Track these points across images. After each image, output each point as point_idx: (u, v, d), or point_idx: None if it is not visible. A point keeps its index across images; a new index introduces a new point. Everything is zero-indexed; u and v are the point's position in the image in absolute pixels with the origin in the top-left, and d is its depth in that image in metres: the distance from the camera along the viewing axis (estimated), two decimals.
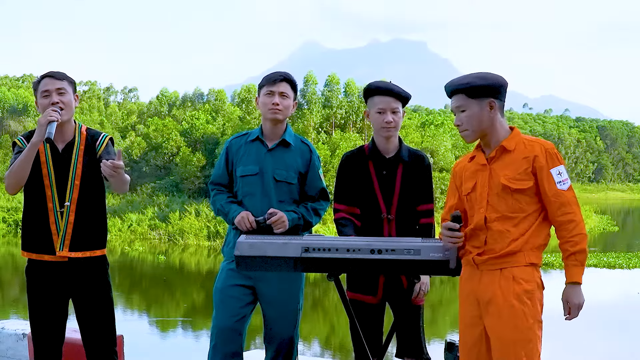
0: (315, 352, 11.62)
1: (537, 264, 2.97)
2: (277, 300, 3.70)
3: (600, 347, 10.60)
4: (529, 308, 2.89)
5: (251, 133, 3.80)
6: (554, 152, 2.98)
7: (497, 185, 2.98)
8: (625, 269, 21.24)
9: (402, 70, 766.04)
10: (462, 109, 3.01)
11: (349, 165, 3.68)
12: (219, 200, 3.73)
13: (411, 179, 3.63)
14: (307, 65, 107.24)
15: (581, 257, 2.94)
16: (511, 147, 3.00)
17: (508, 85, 3.06)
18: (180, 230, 30.64)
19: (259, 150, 3.72)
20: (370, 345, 3.57)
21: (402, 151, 3.66)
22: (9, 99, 52.28)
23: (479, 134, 3.04)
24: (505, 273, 2.93)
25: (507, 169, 2.98)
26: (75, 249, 3.52)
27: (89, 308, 3.58)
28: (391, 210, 3.60)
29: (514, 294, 2.89)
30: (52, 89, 3.49)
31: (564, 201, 2.93)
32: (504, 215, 2.96)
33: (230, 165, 3.76)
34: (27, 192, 3.51)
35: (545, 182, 2.94)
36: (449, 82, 3.08)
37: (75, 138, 3.58)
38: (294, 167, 3.73)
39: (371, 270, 3.34)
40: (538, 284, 2.96)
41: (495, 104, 2.99)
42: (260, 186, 3.67)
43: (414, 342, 3.67)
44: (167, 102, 51.95)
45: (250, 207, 3.63)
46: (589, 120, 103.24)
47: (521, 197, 2.95)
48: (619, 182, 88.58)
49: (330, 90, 41.24)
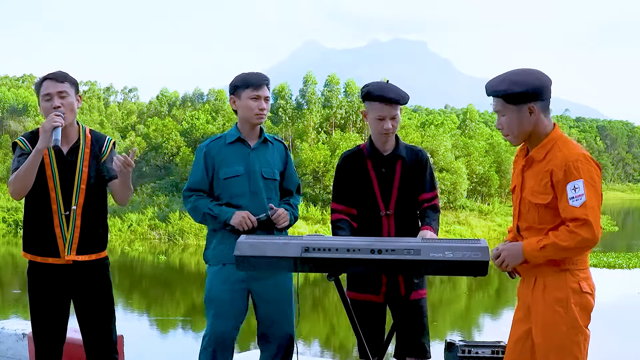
0: (315, 352, 11.62)
1: (571, 269, 2.85)
2: (275, 299, 3.68)
3: (600, 347, 10.59)
4: (561, 316, 2.82)
5: (227, 135, 3.74)
6: (577, 165, 2.77)
7: (525, 197, 2.92)
8: (625, 269, 21.25)
9: (402, 70, 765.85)
10: (502, 114, 2.89)
11: (348, 166, 3.69)
12: (203, 205, 3.64)
13: (410, 174, 3.64)
14: (307, 65, 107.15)
15: (550, 250, 2.79)
16: (539, 157, 2.88)
17: (551, 81, 2.90)
18: (180, 230, 30.67)
19: (242, 151, 3.70)
20: (371, 344, 3.57)
21: (399, 148, 3.66)
22: (9, 99, 52.30)
23: (523, 138, 2.92)
24: (538, 281, 2.89)
25: (532, 180, 2.89)
26: (82, 252, 3.52)
27: (90, 309, 3.57)
28: (389, 206, 3.60)
29: (544, 302, 2.86)
30: (54, 92, 3.46)
31: (572, 218, 2.76)
32: (532, 226, 2.91)
33: (210, 170, 3.68)
34: (30, 194, 3.48)
35: (560, 198, 2.80)
36: (489, 82, 2.93)
37: (80, 141, 3.56)
38: (276, 164, 3.77)
39: (371, 270, 3.34)
40: (574, 289, 2.82)
41: (536, 108, 2.84)
42: (248, 186, 3.66)
43: (416, 341, 3.66)
44: (167, 102, 51.99)
45: (243, 208, 3.62)
46: (589, 120, 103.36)
47: (545, 211, 2.85)
48: (619, 182, 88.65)
49: (330, 90, 41.25)
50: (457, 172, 38.32)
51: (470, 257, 3.06)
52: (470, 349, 4.11)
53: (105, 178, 3.57)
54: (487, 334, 12.46)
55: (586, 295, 2.85)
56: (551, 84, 2.89)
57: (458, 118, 52.91)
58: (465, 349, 4.11)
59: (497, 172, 43.60)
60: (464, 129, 48.95)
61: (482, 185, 43.13)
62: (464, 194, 39.91)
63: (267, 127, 41.29)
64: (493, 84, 2.90)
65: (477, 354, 4.09)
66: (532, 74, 2.87)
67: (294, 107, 40.51)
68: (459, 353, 4.10)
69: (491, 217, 39.06)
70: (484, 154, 44.21)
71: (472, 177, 41.90)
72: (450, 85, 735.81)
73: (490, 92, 2.91)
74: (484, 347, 4.12)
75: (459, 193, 38.65)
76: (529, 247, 2.83)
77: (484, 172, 42.57)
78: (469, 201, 40.99)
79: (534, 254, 2.82)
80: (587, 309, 2.86)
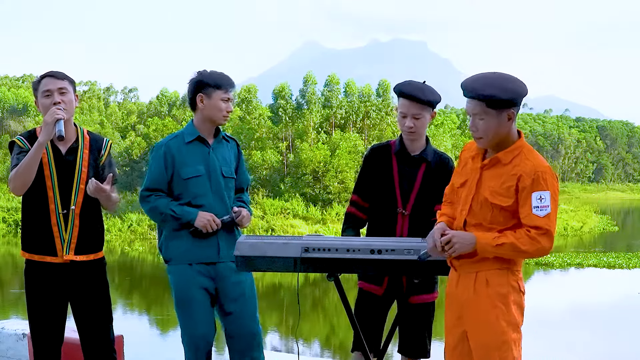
0: (315, 352, 11.62)
1: (511, 268, 2.90)
2: (241, 296, 3.67)
3: (600, 347, 10.59)
4: (502, 312, 2.85)
5: (184, 134, 3.70)
6: (545, 177, 2.83)
7: (481, 194, 2.93)
8: (625, 269, 21.24)
9: (402, 70, 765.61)
10: (479, 117, 2.89)
11: (374, 158, 3.70)
12: (163, 205, 3.60)
13: (432, 180, 3.63)
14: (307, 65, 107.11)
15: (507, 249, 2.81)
16: (506, 160, 2.90)
17: (527, 90, 2.92)
18: None
19: (202, 150, 3.68)
20: (368, 338, 3.57)
21: (427, 151, 3.65)
22: (9, 99, 52.30)
23: (494, 142, 2.93)
24: (479, 276, 2.89)
25: (493, 180, 2.90)
26: (80, 252, 3.54)
27: (88, 309, 3.58)
28: (407, 207, 3.60)
29: (486, 297, 2.87)
30: (54, 88, 3.48)
31: (534, 225, 2.80)
32: (481, 224, 2.91)
33: (170, 169, 3.64)
34: (28, 193, 3.49)
35: (522, 203, 2.83)
36: (468, 83, 2.91)
37: (79, 141, 3.57)
38: (232, 163, 3.78)
39: (371, 270, 3.35)
40: (514, 287, 2.88)
41: (514, 114, 2.88)
42: (209, 185, 3.65)
43: (418, 341, 3.66)
44: (167, 102, 51.97)
45: (203, 208, 3.61)
46: (589, 120, 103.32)
47: (500, 212, 2.87)
48: (619, 182, 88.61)
49: (330, 90, 41.23)
50: None
51: None
52: None
53: (102, 178, 3.59)
54: None
55: (522, 295, 2.93)
56: (527, 92, 2.93)
57: (458, 118, 52.90)
58: None
59: None
60: (464, 129, 48.91)
61: None
62: None
63: (267, 127, 41.29)
64: (476, 87, 2.87)
65: None
66: (515, 81, 2.89)
67: (294, 107, 40.50)
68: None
69: None
70: None
71: None
72: (450, 85, 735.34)
73: (471, 95, 2.87)
74: None
75: None
76: (483, 241, 2.84)
77: None
78: None
79: (487, 249, 2.84)
80: (522, 309, 2.93)
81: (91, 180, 3.40)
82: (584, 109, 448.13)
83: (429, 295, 3.64)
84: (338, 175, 35.13)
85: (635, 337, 12.07)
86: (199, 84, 3.70)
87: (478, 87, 2.87)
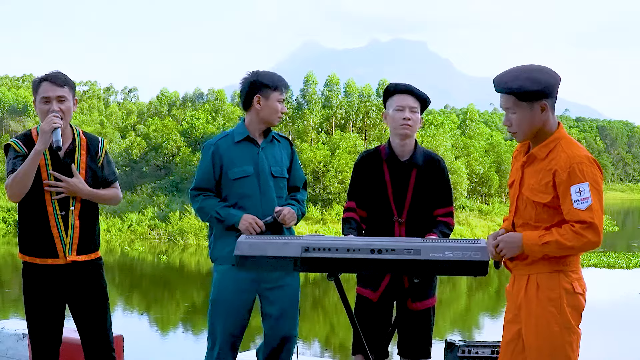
0: (315, 352, 11.62)
1: (564, 270, 2.84)
2: (281, 300, 3.68)
3: (600, 347, 10.59)
4: (554, 316, 2.81)
5: (234, 133, 3.70)
6: (582, 168, 2.75)
7: (523, 193, 2.89)
8: (625, 269, 21.24)
9: (402, 70, 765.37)
10: (512, 111, 2.84)
11: (364, 166, 3.69)
12: (210, 206, 3.62)
13: (425, 184, 3.62)
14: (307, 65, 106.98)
15: (553, 247, 2.76)
16: (541, 155, 2.85)
17: (561, 79, 2.86)
18: (180, 230, 30.63)
19: (251, 150, 3.67)
20: (370, 343, 3.57)
21: (416, 155, 3.64)
22: (9, 99, 52.28)
23: (530, 136, 2.87)
24: (531, 279, 2.86)
25: (533, 178, 2.86)
26: (81, 252, 3.54)
27: (86, 308, 3.58)
28: (402, 214, 3.60)
29: (537, 301, 2.84)
30: (53, 96, 3.45)
31: (578, 220, 2.74)
32: (528, 223, 2.88)
33: (217, 168, 3.64)
34: (25, 196, 3.46)
35: (562, 198, 2.77)
36: (499, 77, 2.86)
37: (76, 143, 3.57)
38: (283, 162, 3.75)
39: (371, 270, 3.34)
40: (567, 289, 2.82)
41: (547, 105, 2.82)
42: (258, 186, 3.64)
43: (419, 344, 3.66)
44: (167, 102, 51.94)
45: (250, 209, 3.60)
46: (589, 120, 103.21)
47: (543, 209, 2.83)
48: (619, 182, 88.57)
49: (330, 90, 41.23)
50: (457, 172, 38.28)
51: (470, 257, 3.07)
52: (470, 349, 4.11)
53: (108, 181, 3.66)
54: (487, 334, 12.45)
55: (578, 296, 2.86)
56: (560, 81, 2.86)
57: (458, 118, 52.90)
58: (465, 349, 4.11)
59: (497, 172, 43.56)
60: (463, 128, 48.92)
61: (482, 185, 43.08)
62: (464, 194, 39.89)
63: None
64: (505, 80, 2.84)
65: (477, 354, 4.09)
66: (546, 71, 2.84)
67: (294, 107, 40.50)
68: (459, 353, 4.10)
69: (491, 217, 39.02)
70: (484, 154, 44.17)
71: (472, 177, 41.86)
72: (450, 85, 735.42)
73: (501, 89, 2.84)
74: (484, 347, 4.12)
75: (458, 193, 38.62)
76: (529, 241, 2.80)
77: (484, 172, 42.52)
78: (469, 201, 40.96)
79: (534, 248, 2.80)
80: (578, 309, 2.86)
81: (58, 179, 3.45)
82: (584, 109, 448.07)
83: (428, 301, 3.65)
84: (338, 175, 35.13)
85: (635, 337, 12.07)
86: (255, 85, 3.65)
87: (507, 80, 2.83)
